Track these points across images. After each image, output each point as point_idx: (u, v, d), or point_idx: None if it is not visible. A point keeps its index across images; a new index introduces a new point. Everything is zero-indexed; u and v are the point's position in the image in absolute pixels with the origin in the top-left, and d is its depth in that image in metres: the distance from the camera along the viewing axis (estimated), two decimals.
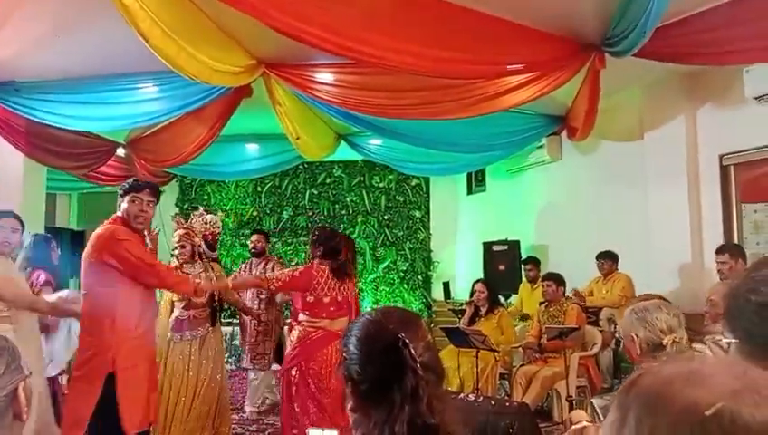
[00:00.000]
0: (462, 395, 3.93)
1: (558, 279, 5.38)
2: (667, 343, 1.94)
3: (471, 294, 5.89)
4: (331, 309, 3.77)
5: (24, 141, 5.55)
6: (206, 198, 9.21)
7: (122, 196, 3.26)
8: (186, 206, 9.16)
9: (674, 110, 5.48)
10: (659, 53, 4.18)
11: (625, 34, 3.89)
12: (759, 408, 0.56)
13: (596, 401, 1.91)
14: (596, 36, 4.23)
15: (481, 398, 4.20)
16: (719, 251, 4.49)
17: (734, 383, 0.59)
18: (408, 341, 1.12)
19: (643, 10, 3.44)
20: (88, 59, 4.65)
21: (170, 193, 9.12)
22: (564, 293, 5.41)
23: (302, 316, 3.84)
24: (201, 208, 5.04)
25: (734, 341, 0.99)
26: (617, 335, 5.31)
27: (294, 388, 3.66)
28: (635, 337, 2.01)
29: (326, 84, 4.68)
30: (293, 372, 3.68)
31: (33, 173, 6.06)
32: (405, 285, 9.01)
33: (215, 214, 4.94)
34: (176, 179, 8.86)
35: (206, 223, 4.64)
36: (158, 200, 3.36)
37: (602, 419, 1.79)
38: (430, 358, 1.17)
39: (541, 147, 6.97)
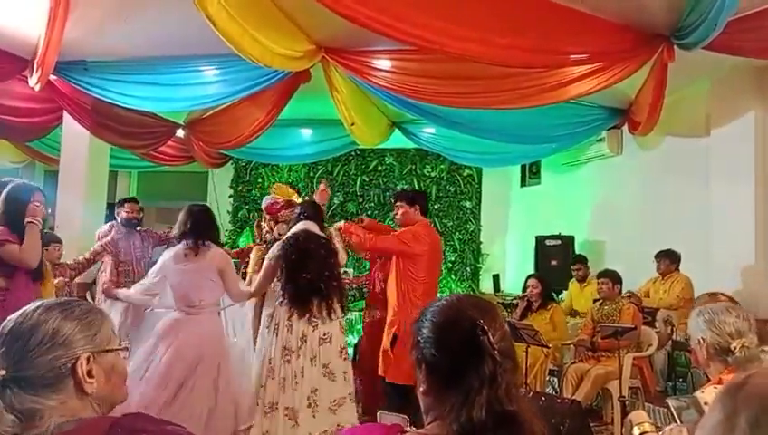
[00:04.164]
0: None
1: (614, 277, 5.24)
2: (735, 348, 1.86)
3: (524, 289, 5.81)
4: None
5: (90, 119, 5.75)
6: (260, 180, 9.35)
7: None
8: (240, 188, 9.34)
9: (743, 106, 5.24)
10: (730, 47, 4.01)
11: (695, 26, 3.73)
12: None
13: (672, 402, 1.85)
14: (665, 27, 4.06)
15: (531, 393, 4.15)
16: None
17: None
18: (486, 327, 1.11)
19: (716, 1, 3.29)
20: (154, 41, 4.76)
21: (225, 175, 9.31)
22: (620, 291, 5.27)
23: None
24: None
25: None
26: (673, 337, 5.15)
27: None
28: (701, 340, 1.93)
29: (384, 71, 4.66)
30: None
31: (98, 151, 6.27)
32: (453, 276, 8.96)
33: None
34: (231, 161, 9.03)
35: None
36: None
37: (678, 420, 1.73)
38: (507, 347, 1.15)
39: (600, 140, 6.79)
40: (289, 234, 3.87)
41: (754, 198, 5.08)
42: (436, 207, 9.01)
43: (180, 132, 6.96)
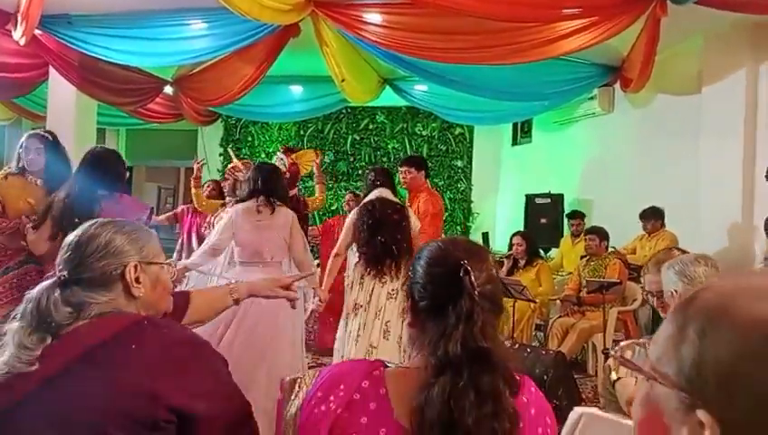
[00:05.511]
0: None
1: (601, 233, 5.31)
2: None
3: (509, 248, 5.87)
4: None
5: (76, 75, 5.65)
6: (249, 139, 9.29)
7: None
8: (230, 146, 9.27)
9: (736, 63, 5.21)
10: (723, 2, 3.98)
11: None
12: None
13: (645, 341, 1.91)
14: None
15: (516, 345, 4.25)
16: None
17: None
18: (469, 268, 1.15)
19: None
20: None
21: (215, 133, 9.24)
22: (607, 247, 5.34)
23: None
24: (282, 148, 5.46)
25: None
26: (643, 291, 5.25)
27: None
28: (674, 292, 2.00)
29: (374, 25, 4.60)
30: None
31: (85, 108, 6.19)
32: (443, 235, 9.01)
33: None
34: (221, 119, 8.94)
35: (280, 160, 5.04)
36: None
37: None
38: (491, 290, 1.19)
39: (592, 98, 6.77)
40: (365, 200, 4.15)
41: (743, 154, 5.10)
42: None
43: (169, 89, 6.87)
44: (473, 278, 1.14)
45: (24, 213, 3.35)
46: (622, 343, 1.55)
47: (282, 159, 5.14)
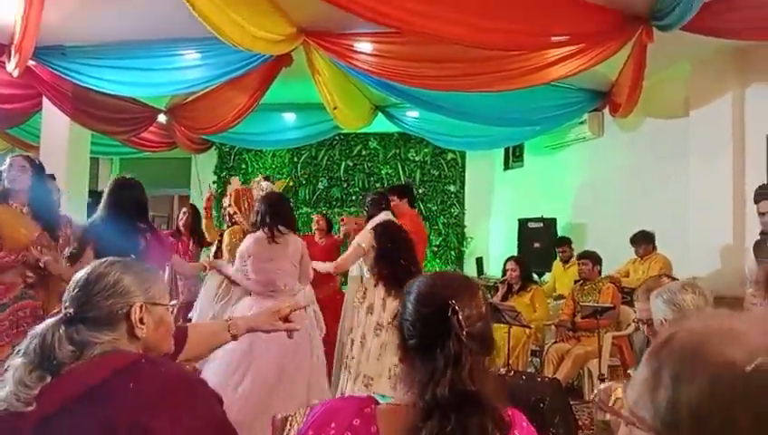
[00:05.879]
0: (492, 369, 3.99)
1: (594, 258, 5.32)
2: None
3: (503, 273, 5.86)
4: None
5: (70, 105, 5.67)
6: (243, 166, 9.32)
7: None
8: (224, 174, 9.30)
9: (722, 87, 5.29)
10: (708, 28, 4.05)
11: (672, 7, 3.78)
12: None
13: (633, 373, 1.90)
14: (643, 8, 4.11)
15: (512, 372, 4.22)
16: None
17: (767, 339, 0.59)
18: (457, 308, 1.14)
19: None
20: (134, 24, 4.71)
21: (209, 161, 9.26)
22: (600, 272, 5.35)
23: None
24: (260, 176, 5.54)
25: None
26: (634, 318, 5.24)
27: None
28: (663, 321, 2.00)
29: (366, 54, 4.66)
30: None
31: (78, 137, 6.19)
32: (437, 261, 9.01)
33: (272, 182, 5.30)
34: (214, 147, 8.97)
35: (261, 190, 5.02)
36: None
37: None
38: (480, 328, 1.18)
39: (582, 123, 6.84)
40: (380, 223, 4.15)
41: (732, 177, 5.15)
42: (420, 191, 9.03)
43: (162, 118, 6.90)
44: (461, 318, 1.13)
45: (25, 245, 3.27)
46: (602, 386, 1.55)
47: (271, 188, 5.19)
